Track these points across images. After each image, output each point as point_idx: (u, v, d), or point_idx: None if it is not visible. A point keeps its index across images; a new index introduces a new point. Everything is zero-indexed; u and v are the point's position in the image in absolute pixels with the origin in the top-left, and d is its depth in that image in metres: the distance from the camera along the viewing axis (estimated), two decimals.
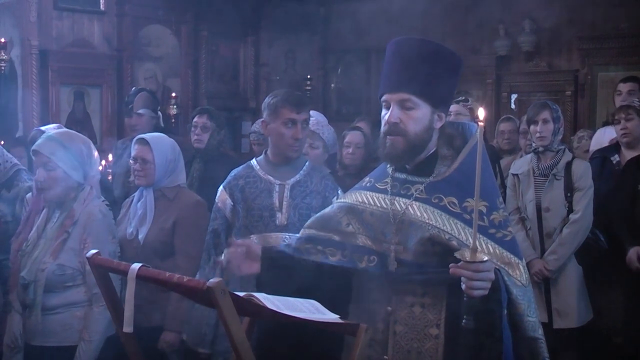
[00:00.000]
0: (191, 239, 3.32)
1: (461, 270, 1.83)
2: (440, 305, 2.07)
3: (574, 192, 4.02)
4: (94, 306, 2.92)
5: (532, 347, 2.09)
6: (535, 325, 2.07)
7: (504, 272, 2.00)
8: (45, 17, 6.52)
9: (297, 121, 2.96)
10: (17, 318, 2.99)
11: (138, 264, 1.80)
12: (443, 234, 2.03)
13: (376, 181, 2.27)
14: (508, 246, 2.06)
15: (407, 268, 2.08)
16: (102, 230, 2.98)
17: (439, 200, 2.09)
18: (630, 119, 4.39)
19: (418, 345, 2.08)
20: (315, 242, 2.26)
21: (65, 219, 2.96)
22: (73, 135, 3.13)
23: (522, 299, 2.03)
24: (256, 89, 8.26)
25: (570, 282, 4.03)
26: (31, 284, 2.89)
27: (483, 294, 1.84)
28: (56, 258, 2.90)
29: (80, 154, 3.00)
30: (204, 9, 7.54)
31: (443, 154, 2.18)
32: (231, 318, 1.57)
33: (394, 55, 2.16)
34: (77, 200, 2.99)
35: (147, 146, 3.38)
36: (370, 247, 2.15)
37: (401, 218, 2.11)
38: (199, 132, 4.58)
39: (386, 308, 2.13)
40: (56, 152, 2.94)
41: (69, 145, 2.98)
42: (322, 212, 2.34)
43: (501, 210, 2.11)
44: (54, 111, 6.51)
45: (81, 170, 3.00)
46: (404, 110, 2.11)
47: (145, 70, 7.33)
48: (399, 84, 2.12)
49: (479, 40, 7.84)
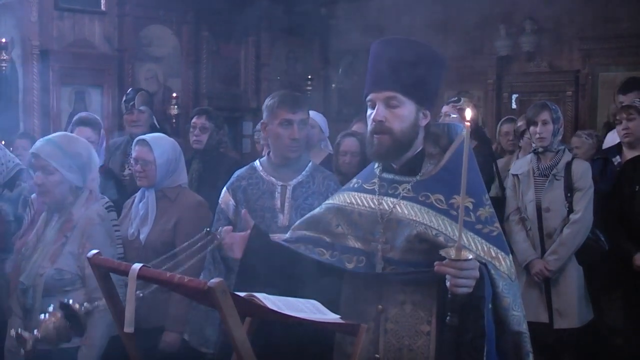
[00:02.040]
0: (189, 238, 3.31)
1: (446, 268, 1.86)
2: (431, 303, 2.08)
3: (574, 192, 4.02)
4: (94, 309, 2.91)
5: (516, 341, 2.10)
6: (520, 320, 2.08)
7: (491, 265, 2.02)
8: (46, 17, 6.52)
9: (293, 121, 2.97)
10: (18, 322, 2.96)
11: (139, 264, 1.80)
12: (430, 231, 2.04)
13: (364, 182, 2.28)
14: (494, 241, 2.08)
15: (394, 267, 2.10)
16: (101, 234, 2.97)
17: (425, 198, 2.11)
18: (632, 118, 4.39)
19: (409, 343, 2.09)
20: (305, 242, 2.27)
21: (64, 223, 2.95)
22: (73, 139, 3.10)
23: (508, 292, 2.04)
24: (257, 89, 8.26)
25: (571, 283, 4.03)
26: (30, 288, 2.88)
27: (467, 291, 1.87)
28: (54, 262, 2.88)
29: (79, 158, 2.98)
30: (205, 9, 7.54)
31: (429, 152, 2.20)
32: (232, 318, 1.57)
33: (378, 56, 2.19)
34: (76, 204, 2.97)
35: (148, 147, 3.38)
36: (358, 247, 2.17)
37: (389, 217, 2.13)
38: (198, 132, 4.60)
39: (377, 306, 2.14)
40: (55, 156, 2.91)
41: (68, 149, 2.96)
42: (311, 214, 2.36)
43: (487, 206, 2.12)
44: (54, 111, 6.52)
45: (80, 174, 2.97)
46: (389, 109, 2.13)
47: (146, 70, 7.33)
48: (383, 82, 2.14)
49: (479, 41, 7.83)
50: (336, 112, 8.72)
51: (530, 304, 3.97)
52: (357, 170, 4.27)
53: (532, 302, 4.01)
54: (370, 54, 2.21)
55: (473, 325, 1.92)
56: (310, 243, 2.26)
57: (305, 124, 3.03)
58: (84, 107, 6.74)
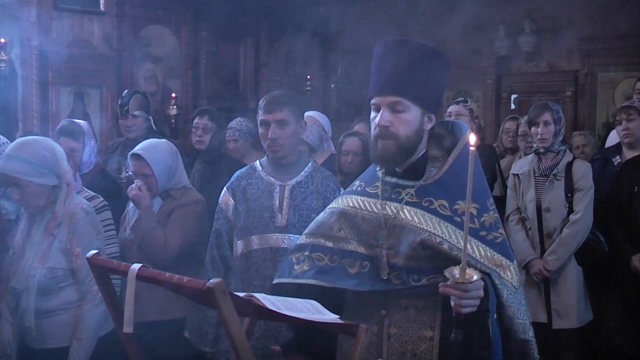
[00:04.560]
0: (177, 228, 3.33)
1: (450, 290, 1.85)
2: (434, 308, 2.07)
3: (575, 192, 4.02)
4: (83, 304, 2.92)
5: (522, 349, 2.09)
6: (525, 328, 2.07)
7: (495, 274, 2.01)
8: (45, 17, 6.51)
9: (269, 122, 2.98)
10: (7, 327, 2.96)
11: (138, 264, 1.80)
12: (434, 238, 2.03)
13: (367, 185, 2.26)
14: (499, 248, 2.06)
15: (398, 272, 2.07)
16: (86, 227, 2.97)
17: (429, 204, 2.09)
18: (632, 119, 4.39)
19: (412, 348, 2.09)
20: (304, 249, 2.25)
21: (49, 222, 2.95)
22: (29, 143, 3.01)
23: (513, 301, 2.03)
24: (256, 90, 8.25)
25: (570, 283, 4.03)
26: (23, 291, 2.89)
27: (472, 310, 1.86)
28: (45, 262, 2.89)
29: (44, 160, 2.94)
30: (204, 9, 7.53)
31: (433, 155, 2.18)
32: (231, 318, 1.57)
33: (382, 58, 2.15)
34: (57, 202, 2.96)
35: (144, 162, 3.37)
36: (362, 252, 2.15)
37: (392, 222, 2.11)
38: (201, 133, 4.59)
39: (380, 311, 2.13)
40: (21, 169, 2.88)
41: (30, 157, 2.91)
42: (316, 218, 2.34)
43: (492, 212, 2.10)
44: (53, 111, 6.50)
45: (51, 173, 2.96)
46: (394, 114, 2.10)
47: (145, 70, 7.31)
48: (388, 86, 2.11)
49: (478, 41, 7.83)
50: (335, 113, 8.70)
51: (529, 304, 3.92)
52: (359, 170, 4.27)
53: (531, 302, 4.00)
54: (374, 55, 2.18)
55: (478, 337, 1.92)
56: (308, 249, 2.24)
57: (285, 124, 2.98)
58: (83, 107, 6.73)
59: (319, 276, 2.16)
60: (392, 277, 2.09)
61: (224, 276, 3.05)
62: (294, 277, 2.21)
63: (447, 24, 7.57)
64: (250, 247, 3.01)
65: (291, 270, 2.24)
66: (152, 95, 7.17)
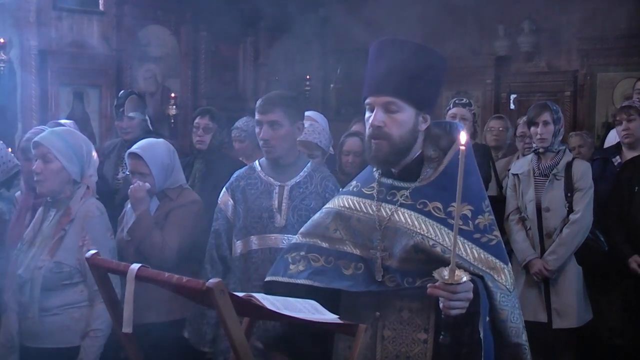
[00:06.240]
0: (174, 230, 3.31)
1: (438, 291, 1.83)
2: (428, 310, 2.06)
3: (574, 192, 4.02)
4: (96, 302, 2.91)
5: (515, 353, 2.08)
6: (518, 331, 2.06)
7: (489, 277, 1.99)
8: (44, 17, 6.50)
9: (262, 122, 2.99)
10: (13, 317, 2.99)
11: (137, 265, 1.80)
12: (427, 241, 2.01)
13: (363, 186, 2.25)
14: (493, 251, 2.05)
15: (392, 275, 2.06)
16: (101, 227, 3.01)
17: (423, 206, 2.07)
18: (632, 119, 4.40)
19: (406, 350, 2.08)
20: (300, 249, 2.24)
21: (62, 216, 2.97)
22: (76, 133, 3.20)
23: (506, 304, 2.02)
24: (255, 90, 8.24)
25: (570, 283, 4.03)
26: (27, 282, 2.90)
27: (461, 312, 1.85)
28: (53, 256, 2.91)
29: (80, 150, 3.04)
30: (203, 9, 7.53)
31: (429, 156, 2.16)
32: (230, 318, 1.57)
33: (377, 58, 2.13)
34: (74, 198, 3.00)
35: (141, 160, 3.36)
36: (357, 254, 2.14)
37: (387, 224, 2.10)
38: (201, 133, 4.58)
39: (374, 313, 2.12)
40: (56, 144, 2.97)
41: (70, 140, 3.03)
42: (313, 218, 2.33)
43: (487, 214, 2.08)
44: (53, 111, 6.49)
45: (79, 166, 3.02)
46: (388, 114, 2.08)
47: (145, 70, 7.31)
48: (383, 86, 2.09)
49: (478, 41, 7.82)
50: (334, 112, 8.70)
51: (529, 304, 3.97)
52: (360, 170, 4.29)
53: (531, 302, 4.01)
54: (370, 55, 2.17)
55: (468, 339, 1.91)
56: (303, 249, 2.22)
57: (278, 125, 2.97)
58: (82, 107, 6.73)
59: (313, 277, 2.15)
60: (386, 280, 2.08)
61: (223, 276, 3.05)
62: (289, 276, 2.20)
63: (447, 24, 7.59)
64: (249, 247, 3.01)
65: (286, 269, 2.23)
66: (152, 95, 7.18)
